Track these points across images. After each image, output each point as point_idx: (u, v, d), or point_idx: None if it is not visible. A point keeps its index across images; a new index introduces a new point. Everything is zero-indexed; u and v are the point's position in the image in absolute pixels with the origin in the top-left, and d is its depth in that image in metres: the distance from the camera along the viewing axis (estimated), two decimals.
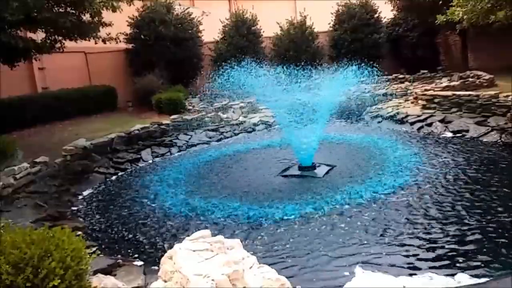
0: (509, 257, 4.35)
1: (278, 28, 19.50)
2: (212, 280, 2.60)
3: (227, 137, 12.44)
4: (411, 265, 4.39)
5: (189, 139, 11.89)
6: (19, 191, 7.27)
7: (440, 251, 4.62)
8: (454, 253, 4.56)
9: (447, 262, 4.40)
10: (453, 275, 4.12)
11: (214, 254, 2.94)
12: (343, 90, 9.37)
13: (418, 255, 4.59)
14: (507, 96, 9.49)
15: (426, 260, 4.46)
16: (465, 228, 5.10)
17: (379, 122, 12.43)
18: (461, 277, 4.06)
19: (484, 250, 4.55)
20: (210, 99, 14.69)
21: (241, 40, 18.24)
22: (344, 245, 4.98)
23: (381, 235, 5.13)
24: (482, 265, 4.26)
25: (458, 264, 4.32)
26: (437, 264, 4.37)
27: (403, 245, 4.84)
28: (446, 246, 4.71)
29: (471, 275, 4.08)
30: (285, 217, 5.93)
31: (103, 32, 10.73)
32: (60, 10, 9.54)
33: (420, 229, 5.18)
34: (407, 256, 4.58)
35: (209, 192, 7.49)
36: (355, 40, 19.02)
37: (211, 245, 3.01)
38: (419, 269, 4.30)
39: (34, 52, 10.34)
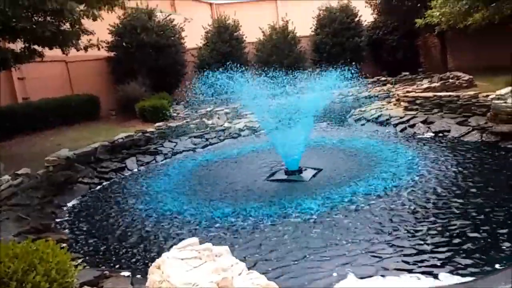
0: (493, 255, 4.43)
1: (261, 33, 19.59)
2: None
3: (213, 144, 12.40)
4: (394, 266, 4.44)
5: (175, 146, 11.82)
6: (0, 204, 7.09)
7: (425, 252, 4.68)
8: (438, 254, 4.61)
9: (431, 262, 4.45)
10: (436, 274, 4.18)
11: (202, 262, 2.91)
12: (326, 93, 9.46)
13: (402, 255, 4.65)
14: (487, 96, 9.69)
15: (407, 262, 4.52)
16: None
17: (362, 124, 12.55)
18: (446, 277, 4.11)
19: (468, 248, 4.63)
20: (194, 105, 14.65)
21: (224, 46, 18.27)
22: (328, 246, 5.02)
23: (371, 236, 5.18)
24: (467, 264, 4.33)
25: (441, 264, 4.39)
26: (421, 264, 4.42)
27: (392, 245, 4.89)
28: (431, 247, 4.77)
29: (455, 274, 4.14)
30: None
31: (84, 39, 10.62)
32: (40, 19, 9.41)
33: (403, 230, 5.25)
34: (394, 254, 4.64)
35: (197, 200, 7.44)
36: (336, 44, 19.24)
37: (199, 253, 2.99)
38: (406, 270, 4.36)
39: (12, 62, 10.16)
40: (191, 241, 3.17)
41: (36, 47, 10.08)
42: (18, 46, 10.37)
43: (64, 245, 5.20)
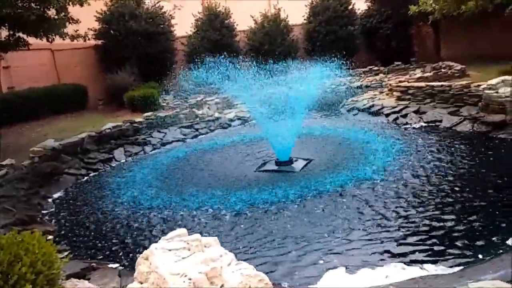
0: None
1: (252, 21, 19.34)
2: (189, 279, 2.50)
3: (203, 134, 12.25)
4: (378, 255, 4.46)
5: (164, 136, 11.66)
6: None
7: (410, 240, 4.69)
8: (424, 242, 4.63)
9: (415, 251, 4.46)
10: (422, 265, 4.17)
11: (191, 252, 2.84)
12: (319, 83, 9.37)
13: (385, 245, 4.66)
14: (479, 85, 9.65)
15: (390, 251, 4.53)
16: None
17: (355, 114, 12.50)
18: (431, 266, 4.11)
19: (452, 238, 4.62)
20: (184, 95, 14.44)
21: (215, 34, 17.99)
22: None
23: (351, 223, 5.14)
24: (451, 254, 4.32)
25: (426, 253, 4.39)
26: (406, 254, 4.43)
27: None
28: (416, 236, 4.78)
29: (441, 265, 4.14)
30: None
31: (70, 28, 10.35)
32: (24, 5, 9.13)
33: (387, 219, 5.26)
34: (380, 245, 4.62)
35: (187, 191, 7.32)
36: (330, 32, 19.01)
37: (188, 244, 2.91)
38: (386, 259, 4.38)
39: None
40: (179, 232, 3.08)
41: (21, 35, 9.81)
42: (2, 34, 10.09)
43: (50, 237, 5.10)
